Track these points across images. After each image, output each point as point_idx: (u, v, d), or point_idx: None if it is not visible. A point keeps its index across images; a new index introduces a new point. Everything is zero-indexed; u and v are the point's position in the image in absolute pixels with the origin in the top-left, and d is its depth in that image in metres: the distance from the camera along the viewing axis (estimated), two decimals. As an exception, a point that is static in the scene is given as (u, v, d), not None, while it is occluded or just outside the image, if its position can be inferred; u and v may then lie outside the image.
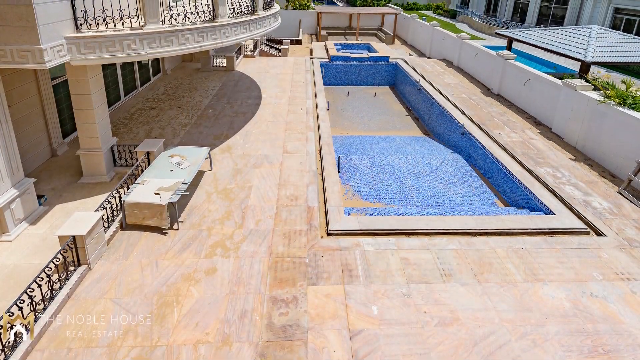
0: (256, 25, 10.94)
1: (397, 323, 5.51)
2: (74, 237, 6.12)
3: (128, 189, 7.89)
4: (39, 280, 5.21)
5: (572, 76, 16.26)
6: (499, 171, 10.51)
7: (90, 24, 7.78)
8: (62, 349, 5.01)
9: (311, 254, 6.90)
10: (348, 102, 18.80)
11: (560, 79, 13.36)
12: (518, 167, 10.12)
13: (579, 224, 7.86)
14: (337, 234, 7.48)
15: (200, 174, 9.40)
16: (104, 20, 7.93)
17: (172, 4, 11.78)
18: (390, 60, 21.67)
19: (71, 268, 6.18)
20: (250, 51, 22.47)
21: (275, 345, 5.14)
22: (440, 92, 16.15)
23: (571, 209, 8.35)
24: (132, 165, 9.24)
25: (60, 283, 5.81)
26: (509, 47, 19.64)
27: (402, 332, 5.35)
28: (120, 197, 7.68)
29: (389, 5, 40.25)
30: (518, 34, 19.00)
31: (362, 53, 22.75)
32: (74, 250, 6.17)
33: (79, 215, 6.55)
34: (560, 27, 19.77)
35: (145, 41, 8.12)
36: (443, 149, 13.16)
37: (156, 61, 17.34)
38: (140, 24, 8.23)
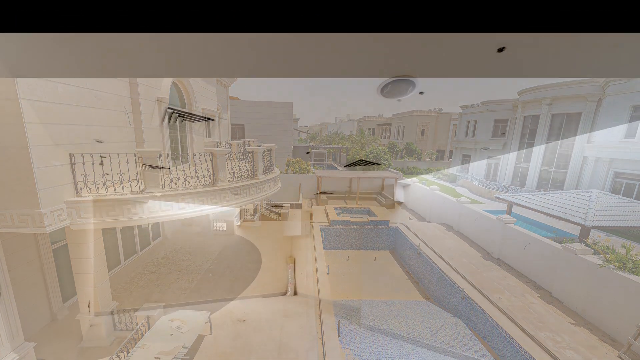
0: (256, 189, 11.85)
1: None
2: (75, 400, 7.19)
3: (128, 354, 8.94)
4: None
5: (572, 240, 17.45)
6: (499, 336, 11.65)
7: (90, 188, 8.51)
8: None
9: (310, 417, 7.84)
10: (348, 267, 20.59)
11: (560, 243, 14.66)
12: (518, 331, 11.37)
13: (578, 388, 8.88)
14: (336, 399, 8.48)
15: (200, 338, 10.66)
16: (104, 184, 8.77)
17: (171, 167, 13.44)
18: (390, 224, 24.00)
19: None
20: (250, 215, 24.99)
21: None
22: (440, 257, 18.06)
23: (571, 373, 9.43)
24: (132, 330, 10.34)
25: None
26: (509, 211, 21.51)
27: None
28: (120, 361, 8.81)
29: (389, 169, 44.65)
30: (518, 198, 20.55)
31: (362, 217, 25.23)
32: (75, 413, 7.17)
33: (80, 379, 7.63)
34: (561, 191, 20.97)
35: (145, 205, 8.84)
36: (443, 313, 14.50)
37: (156, 225, 19.34)
38: (140, 189, 9.14)
